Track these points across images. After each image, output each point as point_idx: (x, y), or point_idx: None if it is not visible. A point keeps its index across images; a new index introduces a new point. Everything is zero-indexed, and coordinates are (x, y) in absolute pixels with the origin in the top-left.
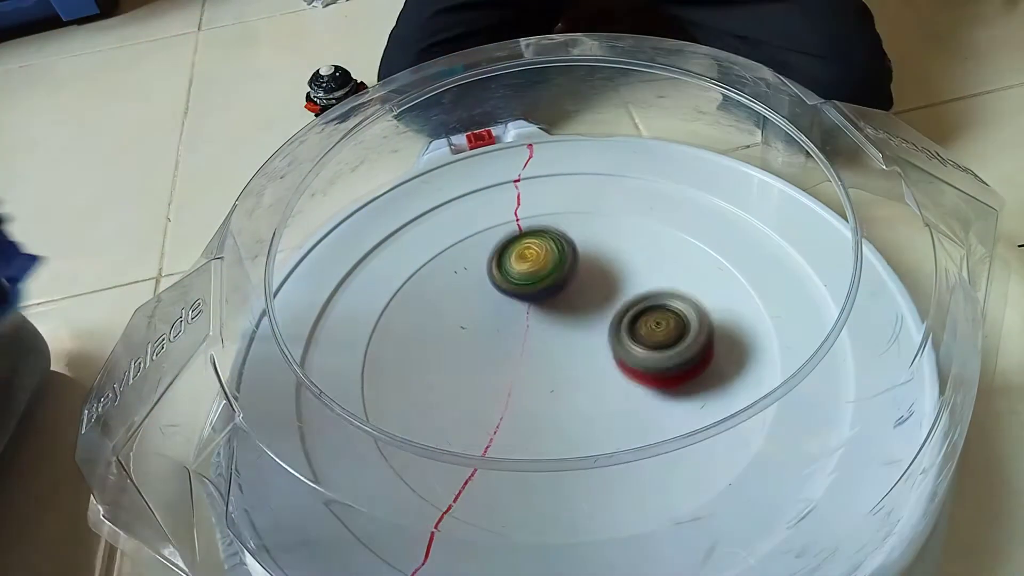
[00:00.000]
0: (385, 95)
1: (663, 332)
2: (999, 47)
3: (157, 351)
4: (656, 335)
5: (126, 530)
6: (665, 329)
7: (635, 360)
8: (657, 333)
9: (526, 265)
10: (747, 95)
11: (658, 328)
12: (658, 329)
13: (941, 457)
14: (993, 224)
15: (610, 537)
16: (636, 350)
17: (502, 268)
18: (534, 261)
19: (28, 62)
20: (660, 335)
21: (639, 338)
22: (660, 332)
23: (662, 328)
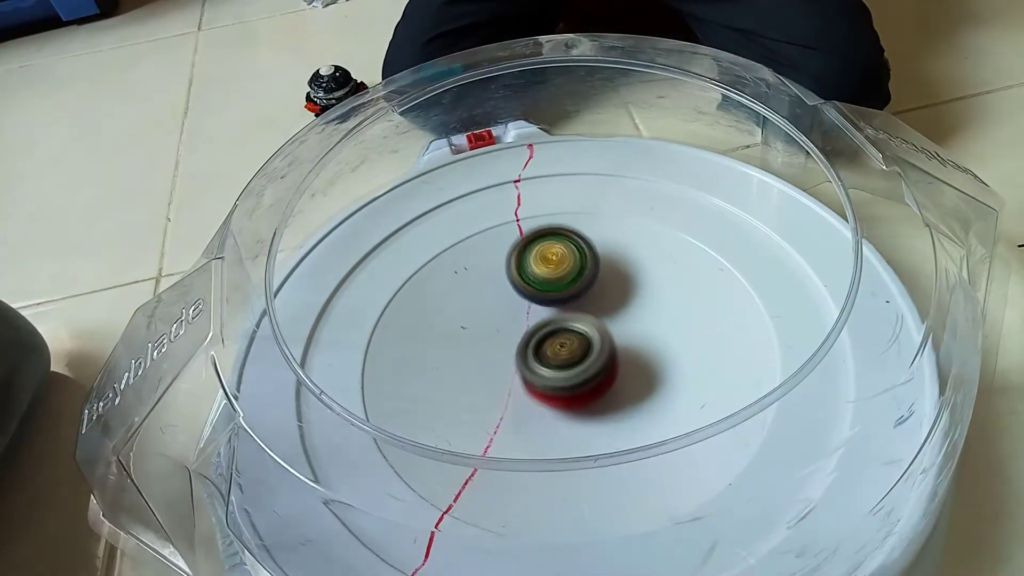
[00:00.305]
0: (385, 95)
1: (567, 352)
2: (999, 47)
3: (157, 351)
4: (560, 356)
5: (126, 530)
6: (569, 349)
7: (542, 381)
8: (561, 354)
9: (548, 269)
10: (747, 95)
11: (562, 349)
12: (562, 350)
13: (941, 457)
14: (993, 224)
15: (610, 537)
16: (542, 371)
17: (522, 270)
18: (556, 265)
19: (28, 62)
20: (564, 355)
21: (544, 359)
22: (564, 352)
23: (566, 349)
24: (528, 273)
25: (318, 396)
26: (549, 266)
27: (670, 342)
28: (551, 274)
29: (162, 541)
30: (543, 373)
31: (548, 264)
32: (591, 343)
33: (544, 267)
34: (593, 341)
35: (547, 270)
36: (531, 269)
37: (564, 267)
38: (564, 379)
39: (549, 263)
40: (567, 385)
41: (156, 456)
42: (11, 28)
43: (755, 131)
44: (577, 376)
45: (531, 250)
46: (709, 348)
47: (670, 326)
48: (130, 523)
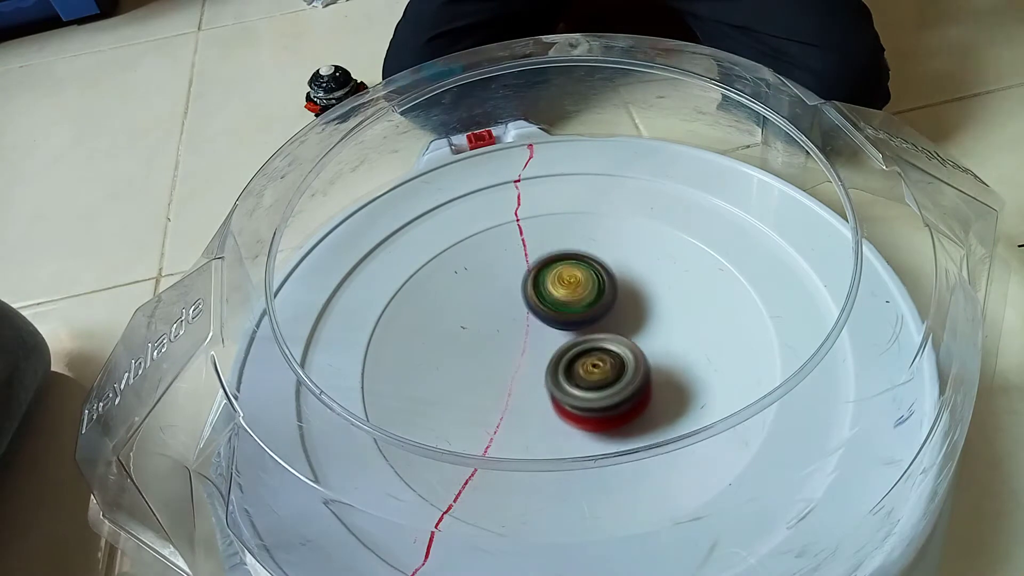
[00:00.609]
0: (385, 95)
1: (600, 373)
2: (999, 47)
3: (158, 351)
4: (593, 376)
5: (126, 530)
6: (602, 371)
7: (573, 401)
8: (595, 374)
9: (565, 291)
10: (747, 95)
11: (595, 370)
12: (595, 371)
13: (941, 457)
14: (993, 224)
15: (610, 537)
16: (574, 391)
17: (539, 290)
18: (573, 288)
19: (28, 62)
20: (597, 376)
21: (577, 379)
22: (597, 373)
23: (599, 370)
24: (545, 294)
25: (318, 396)
26: (567, 288)
27: (670, 342)
28: (569, 296)
29: (162, 541)
30: (575, 393)
31: (566, 286)
32: (625, 364)
33: (562, 289)
34: (627, 362)
35: (565, 292)
36: (548, 290)
37: (582, 290)
38: (597, 399)
39: (567, 285)
40: (600, 407)
41: (156, 456)
42: (11, 28)
43: (755, 131)
44: (610, 397)
45: (548, 272)
46: (709, 348)
47: (670, 326)
48: (130, 523)
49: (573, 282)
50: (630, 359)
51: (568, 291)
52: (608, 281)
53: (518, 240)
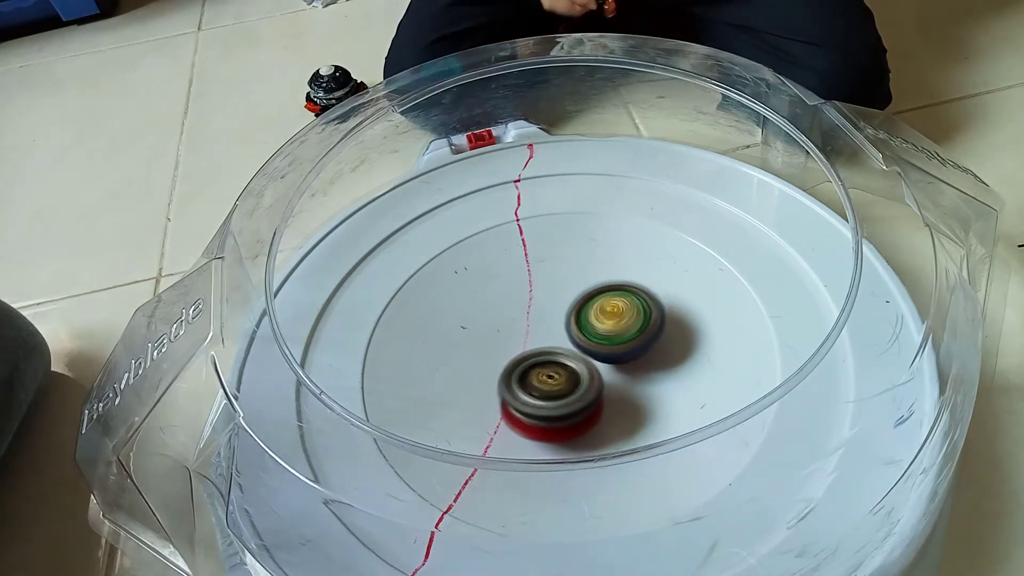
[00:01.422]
0: (385, 95)
1: (555, 384)
2: (999, 47)
3: (158, 351)
4: (547, 386)
5: (126, 530)
6: (557, 382)
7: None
8: (548, 384)
9: (609, 323)
10: (747, 95)
11: (551, 380)
12: (550, 381)
13: (941, 457)
14: (993, 224)
15: (610, 537)
16: (527, 399)
17: (581, 323)
18: (618, 319)
19: (28, 62)
20: (551, 386)
21: (530, 388)
22: (552, 384)
23: (555, 380)
24: (586, 326)
25: (318, 396)
26: (610, 321)
27: (670, 342)
28: (611, 328)
29: (162, 541)
30: (527, 400)
31: (609, 318)
32: (580, 379)
33: (604, 321)
34: (582, 377)
35: (608, 324)
36: (590, 323)
37: (625, 320)
38: (548, 409)
39: (609, 317)
40: (549, 416)
41: (156, 456)
42: (11, 28)
43: (755, 131)
44: (561, 408)
45: (592, 304)
46: (709, 348)
47: (670, 326)
48: (130, 523)
49: (616, 313)
50: (585, 375)
51: (612, 323)
52: (655, 308)
53: (518, 240)
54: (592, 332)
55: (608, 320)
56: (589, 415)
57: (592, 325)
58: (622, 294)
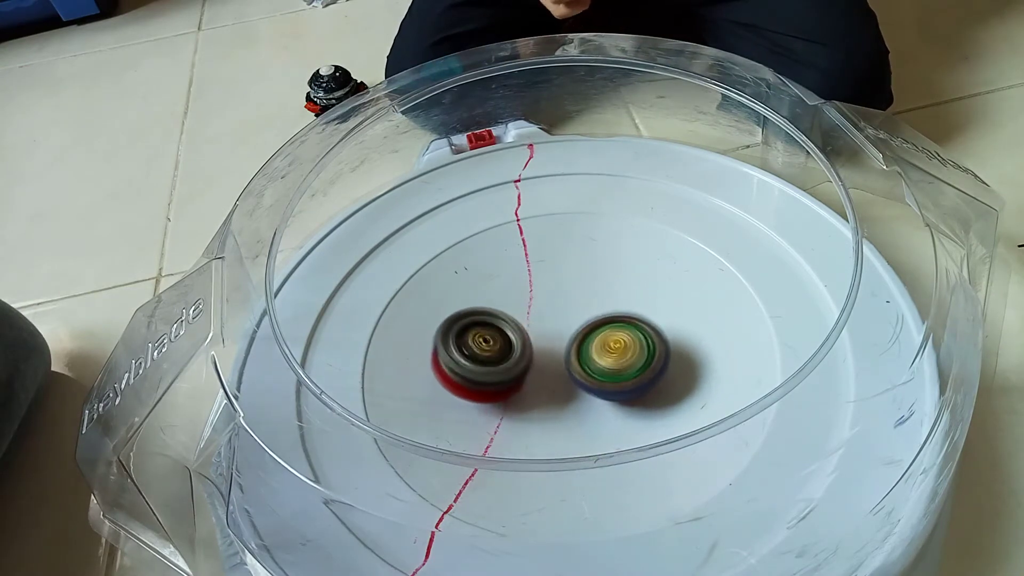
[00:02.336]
0: (386, 95)
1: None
2: (999, 47)
3: (158, 351)
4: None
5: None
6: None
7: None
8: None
9: (610, 359)
10: (747, 95)
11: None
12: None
13: (942, 457)
14: (993, 224)
15: (610, 537)
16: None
17: (583, 359)
18: (619, 355)
19: (28, 62)
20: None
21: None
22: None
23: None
24: (587, 362)
25: (318, 396)
26: (612, 356)
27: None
28: (614, 364)
29: (162, 541)
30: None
31: (610, 354)
32: (512, 345)
33: (605, 357)
34: (514, 348)
35: (609, 361)
36: (591, 358)
37: (628, 356)
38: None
39: (612, 352)
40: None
41: (156, 456)
42: (11, 28)
43: (755, 131)
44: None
45: (593, 338)
46: (709, 348)
47: (670, 326)
48: (130, 523)
49: (619, 348)
50: (517, 342)
51: (613, 359)
52: (658, 340)
53: (518, 240)
54: (593, 368)
55: (610, 356)
56: (509, 386)
57: (594, 361)
58: (626, 327)
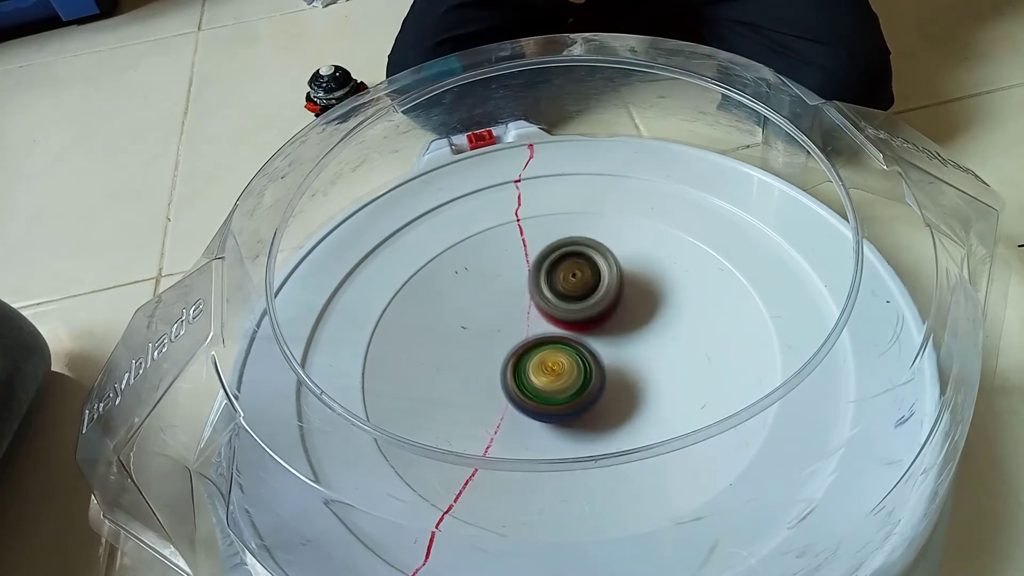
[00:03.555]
0: (386, 95)
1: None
2: (999, 47)
3: (158, 351)
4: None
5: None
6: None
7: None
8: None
9: (546, 379)
10: (748, 95)
11: (574, 279)
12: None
13: (942, 457)
14: (994, 224)
15: (611, 537)
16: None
17: (519, 379)
18: (557, 376)
19: (28, 62)
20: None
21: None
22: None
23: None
24: (523, 382)
25: (319, 396)
26: (549, 376)
27: (670, 342)
28: (550, 385)
29: (162, 541)
30: (555, 302)
31: (547, 375)
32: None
33: (541, 377)
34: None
35: (546, 380)
36: (527, 378)
37: (565, 378)
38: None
39: (550, 373)
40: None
41: (157, 456)
42: (11, 28)
43: (756, 131)
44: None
45: (530, 358)
46: (709, 348)
47: (670, 326)
48: (130, 523)
49: (557, 370)
50: (604, 269)
51: (550, 380)
52: (595, 366)
53: (519, 240)
54: (529, 388)
55: (546, 377)
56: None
57: (530, 380)
58: (563, 349)
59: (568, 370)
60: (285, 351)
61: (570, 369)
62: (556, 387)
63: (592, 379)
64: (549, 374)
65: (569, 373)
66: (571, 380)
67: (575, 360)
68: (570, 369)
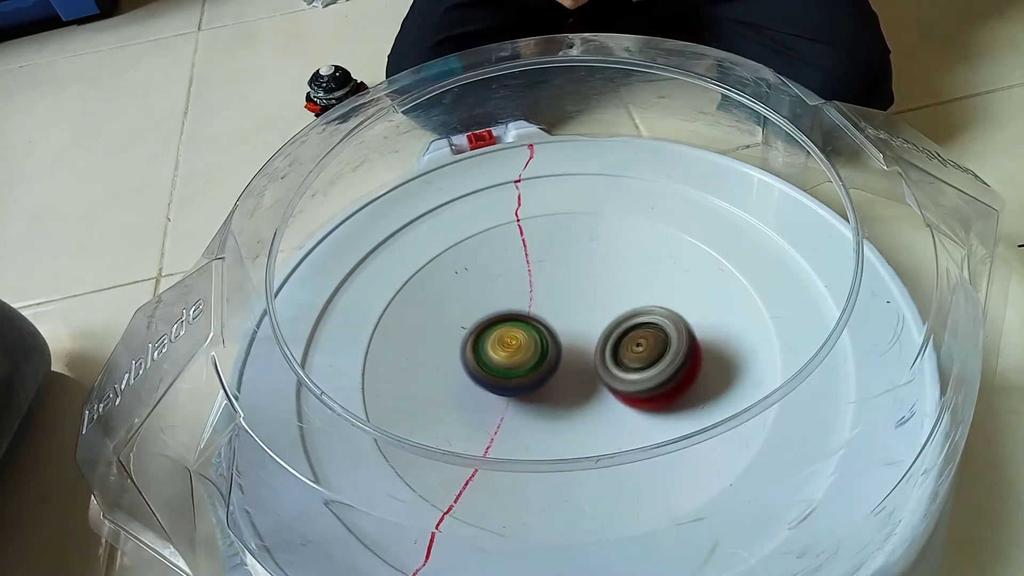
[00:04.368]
0: (386, 95)
1: (645, 352)
2: (999, 47)
3: (158, 351)
4: (639, 355)
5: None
6: (647, 348)
7: (623, 384)
8: (640, 353)
9: (504, 354)
10: (748, 95)
11: (639, 348)
12: (639, 349)
13: (942, 458)
14: (994, 224)
15: (611, 537)
16: (621, 374)
17: (478, 354)
18: (514, 351)
19: (28, 62)
20: (643, 355)
21: (622, 362)
22: (642, 352)
23: (643, 348)
24: (482, 357)
25: (319, 396)
26: (505, 352)
27: None
28: (507, 360)
29: (162, 541)
30: (622, 376)
31: (505, 349)
32: (668, 338)
33: (500, 352)
34: (670, 335)
35: (503, 355)
36: (487, 353)
37: (521, 353)
38: (643, 381)
39: (506, 348)
40: (647, 388)
41: (157, 456)
42: (11, 28)
43: (756, 131)
44: (656, 377)
45: (489, 334)
46: (709, 348)
47: None
48: (130, 523)
49: (513, 344)
50: (672, 332)
51: (508, 354)
52: (551, 342)
53: (519, 240)
54: (488, 362)
55: (504, 351)
56: (687, 373)
57: (489, 355)
58: (521, 325)
59: (525, 345)
60: (285, 351)
61: (527, 344)
62: (513, 362)
63: (548, 353)
64: (507, 349)
65: (526, 348)
66: (528, 355)
67: (531, 335)
68: (527, 344)
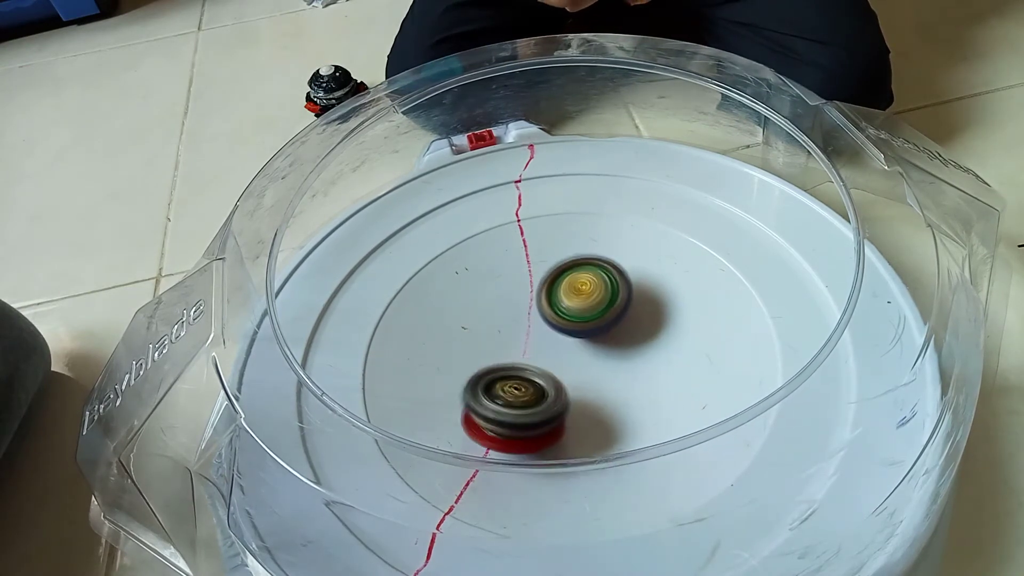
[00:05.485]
0: (386, 95)
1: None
2: (999, 47)
3: (158, 352)
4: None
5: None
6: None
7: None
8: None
9: (578, 300)
10: (748, 95)
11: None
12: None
13: (944, 458)
14: (995, 224)
15: (612, 538)
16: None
17: (552, 301)
18: (587, 296)
19: (28, 62)
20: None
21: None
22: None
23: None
24: (557, 304)
25: (319, 397)
26: (580, 297)
27: (671, 342)
28: (582, 304)
29: (163, 542)
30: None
31: (578, 295)
32: (545, 394)
33: (573, 298)
34: (548, 393)
35: (578, 301)
36: (560, 300)
37: (595, 297)
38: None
39: (580, 294)
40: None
41: (157, 457)
42: (11, 28)
43: (756, 131)
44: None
45: (561, 282)
46: (710, 349)
47: (671, 326)
48: (131, 524)
49: (586, 290)
50: (551, 391)
51: (581, 300)
52: (622, 282)
53: (519, 240)
54: (561, 309)
55: (577, 297)
56: (552, 429)
57: (562, 302)
58: (591, 269)
59: (596, 288)
60: (286, 352)
61: (597, 287)
62: (587, 305)
63: (619, 293)
64: (579, 294)
65: (597, 292)
66: (600, 297)
67: (601, 278)
68: (597, 287)
